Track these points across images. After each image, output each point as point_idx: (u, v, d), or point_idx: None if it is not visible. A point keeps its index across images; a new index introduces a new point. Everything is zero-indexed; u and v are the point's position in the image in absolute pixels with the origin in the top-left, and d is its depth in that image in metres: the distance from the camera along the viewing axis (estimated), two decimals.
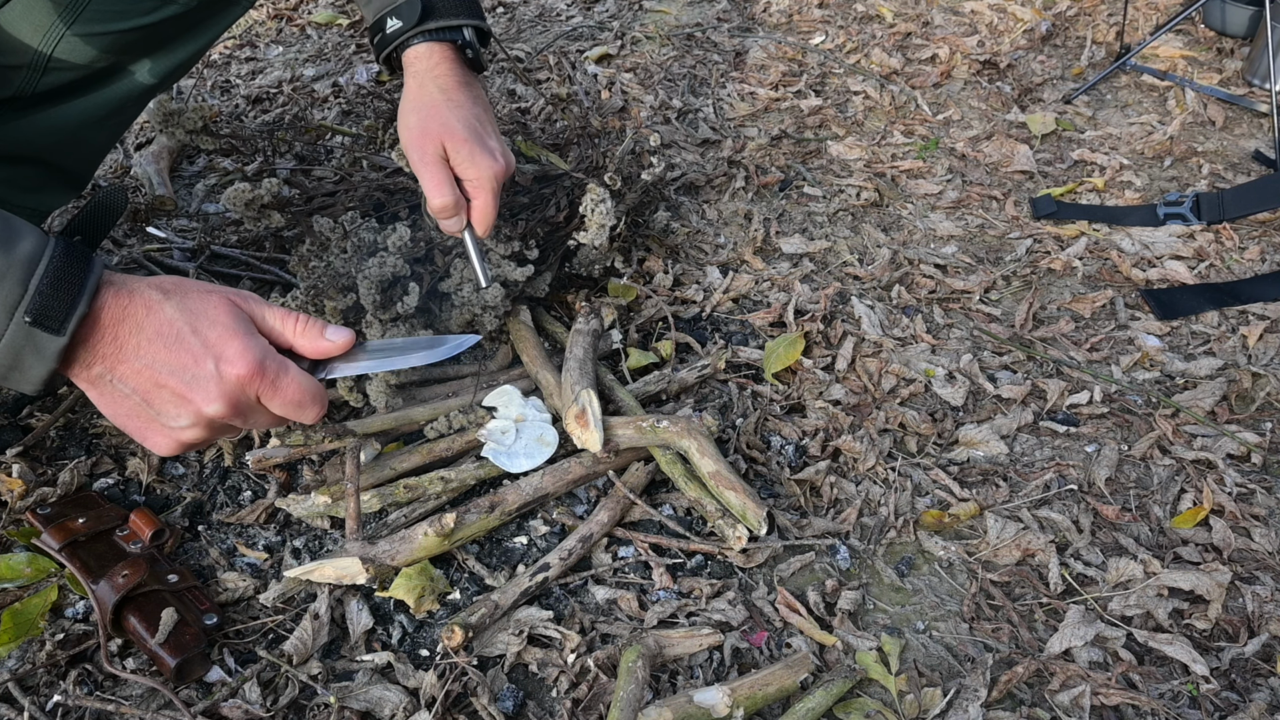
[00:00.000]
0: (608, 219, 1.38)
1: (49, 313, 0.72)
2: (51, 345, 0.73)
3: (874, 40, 2.36)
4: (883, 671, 1.03)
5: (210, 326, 0.78)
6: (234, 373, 0.77)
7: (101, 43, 1.12)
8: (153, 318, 0.77)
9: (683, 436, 1.17)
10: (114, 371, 0.77)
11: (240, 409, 0.79)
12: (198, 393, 0.77)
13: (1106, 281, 1.64)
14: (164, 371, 0.77)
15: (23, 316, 0.72)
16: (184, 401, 0.78)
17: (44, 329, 0.72)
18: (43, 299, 0.72)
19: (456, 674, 1.00)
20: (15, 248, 0.72)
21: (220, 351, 0.77)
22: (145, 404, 0.78)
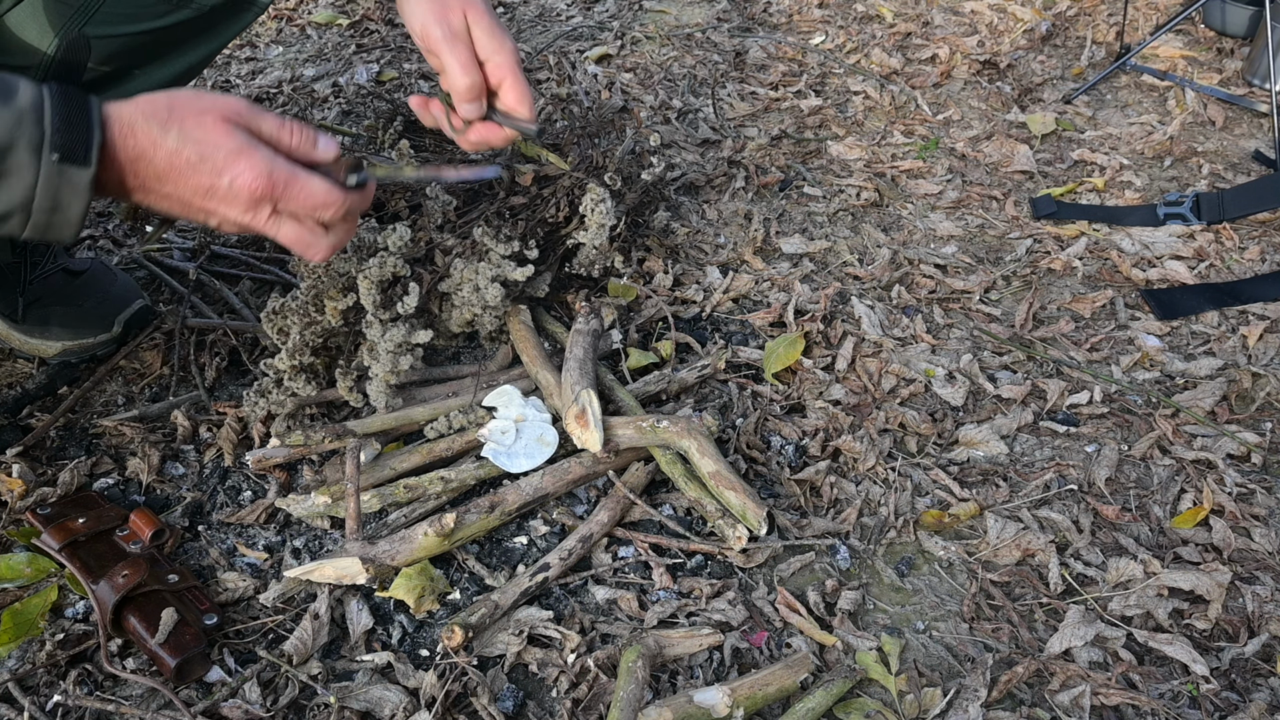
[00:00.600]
0: (608, 219, 1.38)
1: (72, 146, 0.77)
2: (82, 177, 0.78)
3: (874, 40, 2.36)
4: (883, 671, 1.03)
5: (215, 150, 0.82)
6: (245, 186, 0.83)
7: (111, 46, 1.12)
8: (160, 153, 0.82)
9: (683, 436, 1.17)
10: (149, 200, 0.85)
11: (260, 214, 0.85)
12: (220, 204, 0.84)
13: (1106, 281, 1.64)
14: (187, 194, 0.83)
15: (50, 155, 0.76)
16: (214, 214, 0.85)
17: (72, 163, 0.77)
18: (62, 135, 0.76)
19: (456, 674, 1.00)
20: (16, 98, 0.76)
21: (229, 167, 0.82)
22: (181, 215, 0.87)
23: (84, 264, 1.42)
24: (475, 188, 1.44)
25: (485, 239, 1.30)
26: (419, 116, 1.08)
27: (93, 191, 0.80)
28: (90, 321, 1.35)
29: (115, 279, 1.42)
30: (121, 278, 1.43)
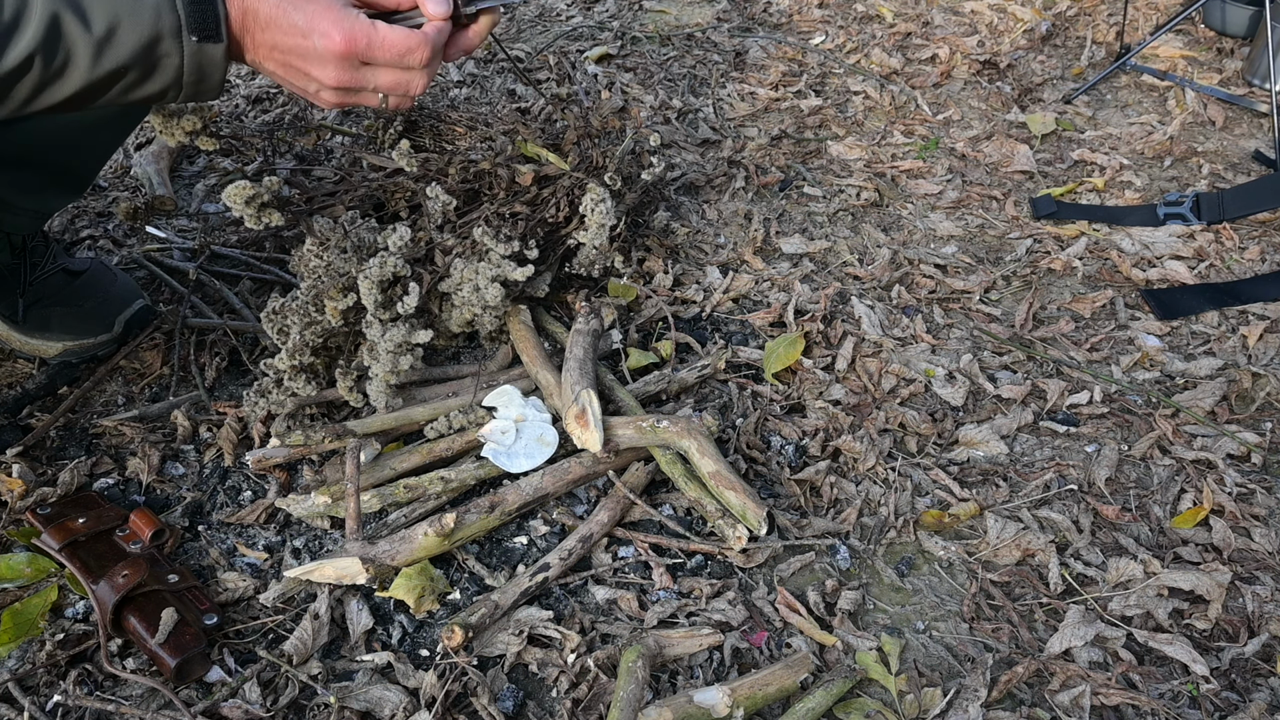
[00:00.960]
0: (607, 218, 1.37)
1: (205, 25, 0.87)
2: (217, 51, 0.89)
3: (874, 40, 2.36)
4: (883, 671, 1.03)
5: (305, 6, 0.91)
6: (328, 44, 0.91)
7: None
8: (264, 9, 0.90)
9: (683, 436, 1.17)
10: (259, 62, 0.93)
11: (352, 71, 0.93)
12: (312, 65, 0.92)
13: (1106, 281, 1.64)
14: (282, 52, 0.92)
15: (190, 38, 0.87)
16: (305, 74, 0.93)
17: (208, 40, 0.88)
18: (196, 17, 0.87)
19: (456, 674, 1.00)
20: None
21: (313, 27, 0.90)
22: (286, 79, 0.95)
23: (84, 264, 1.42)
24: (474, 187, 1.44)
25: (485, 239, 1.30)
26: None
27: (228, 60, 0.91)
28: (90, 322, 1.35)
29: (115, 279, 1.42)
30: (121, 278, 1.43)
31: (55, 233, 1.60)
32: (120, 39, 0.85)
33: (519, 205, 1.38)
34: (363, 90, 0.97)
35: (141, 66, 0.87)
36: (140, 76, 0.88)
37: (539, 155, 1.43)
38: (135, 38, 0.85)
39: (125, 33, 0.85)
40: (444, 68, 2.23)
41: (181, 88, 0.91)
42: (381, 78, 0.96)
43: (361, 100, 0.99)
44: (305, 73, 0.94)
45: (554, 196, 1.40)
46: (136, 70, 0.88)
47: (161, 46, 0.87)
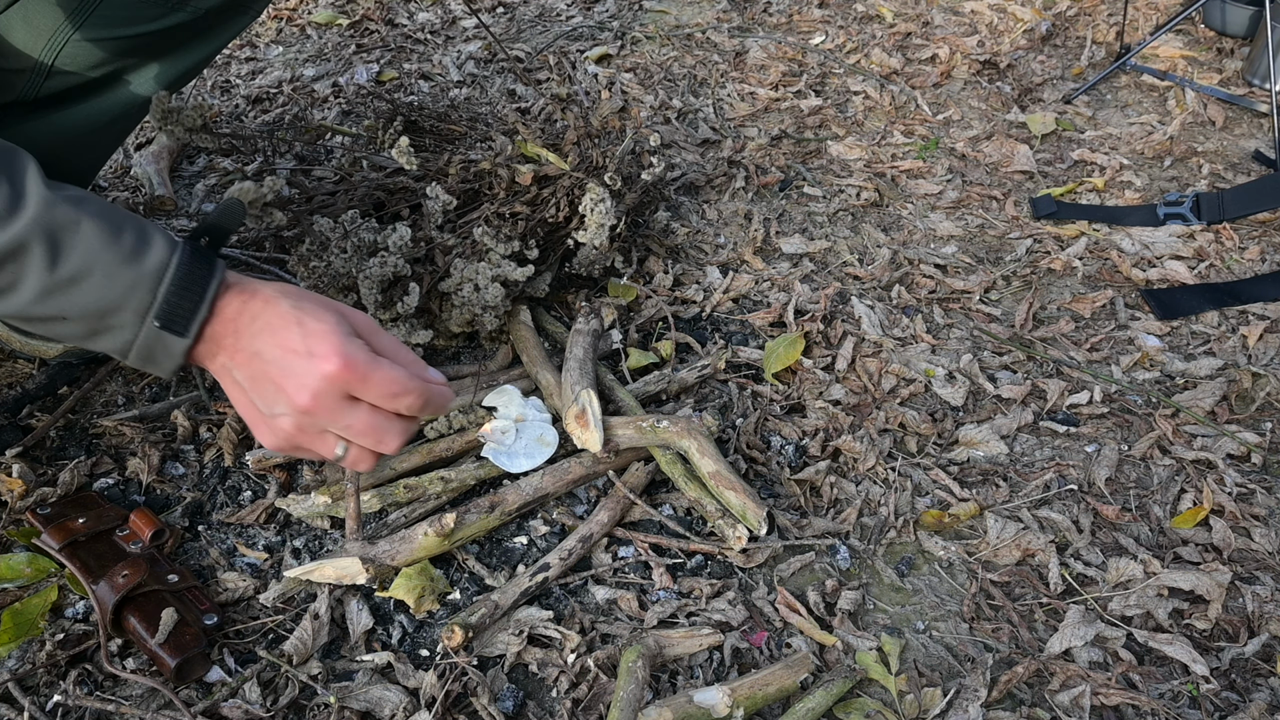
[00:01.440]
0: (607, 218, 1.37)
1: (175, 317, 0.79)
2: (178, 345, 0.80)
3: (874, 40, 2.36)
4: (883, 671, 1.03)
5: (314, 323, 0.82)
6: (322, 368, 0.80)
7: (107, 48, 1.11)
8: (268, 310, 0.82)
9: (683, 436, 1.17)
10: (232, 361, 0.83)
11: (327, 406, 0.82)
12: (290, 382, 0.81)
13: (1106, 281, 1.64)
14: (266, 360, 0.81)
15: (152, 321, 0.78)
16: (279, 390, 0.81)
17: (171, 332, 0.79)
18: (169, 306, 0.78)
19: (456, 674, 1.00)
20: (145, 260, 0.78)
21: (314, 347, 0.81)
22: (250, 389, 0.83)
23: None
24: (474, 187, 1.44)
25: (485, 239, 1.30)
26: None
27: (185, 356, 0.82)
28: None
29: None
30: None
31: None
32: (77, 292, 0.78)
33: (519, 205, 1.38)
34: (327, 430, 0.84)
35: (88, 325, 0.80)
36: (84, 332, 0.80)
37: (539, 155, 1.43)
38: (94, 298, 0.78)
39: (86, 289, 0.78)
40: (444, 67, 2.23)
41: (126, 357, 0.82)
42: (359, 418, 0.84)
43: (315, 446, 0.86)
44: (278, 390, 0.82)
45: (554, 196, 1.40)
46: (80, 325, 0.80)
47: (116, 318, 0.79)
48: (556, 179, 1.42)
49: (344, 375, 0.81)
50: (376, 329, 0.86)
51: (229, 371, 0.84)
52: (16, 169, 0.77)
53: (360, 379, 0.82)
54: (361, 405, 0.84)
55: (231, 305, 0.82)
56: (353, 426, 0.84)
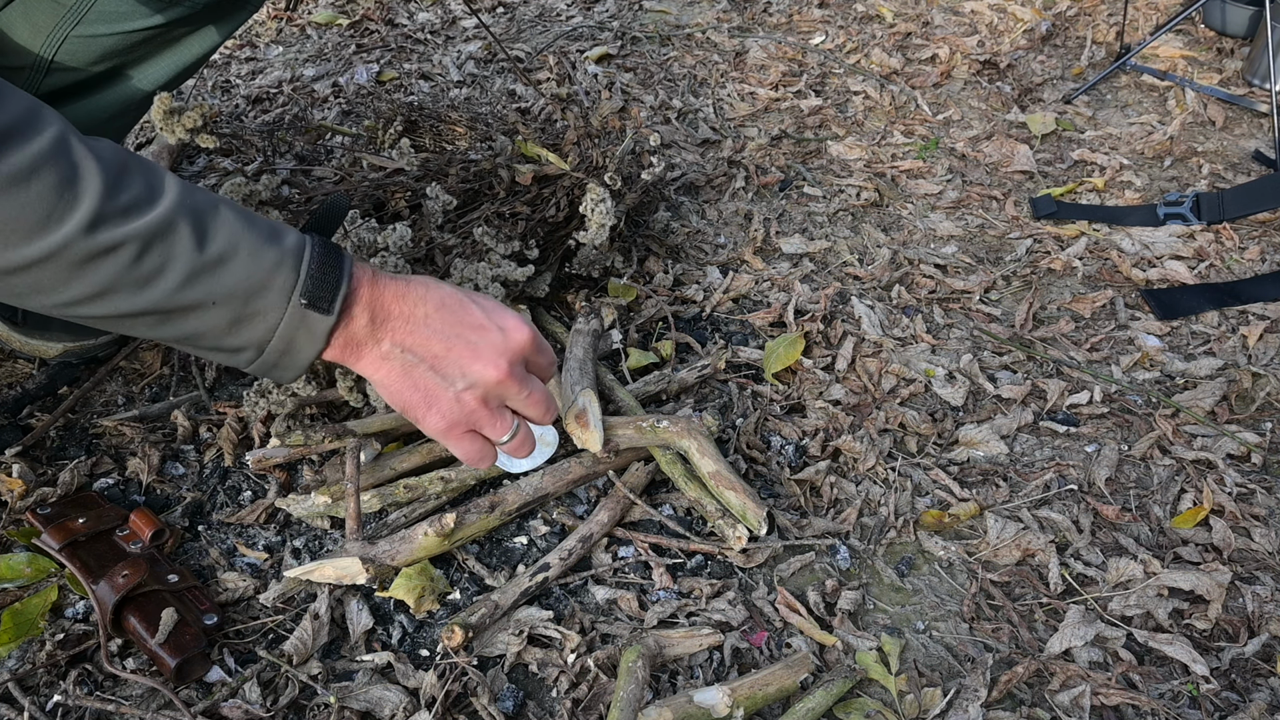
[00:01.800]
0: (608, 218, 1.37)
1: (320, 294, 0.79)
2: (322, 325, 0.79)
3: (874, 40, 2.36)
4: (883, 671, 1.03)
5: (486, 299, 0.89)
6: (517, 338, 0.87)
7: (107, 44, 1.12)
8: (435, 292, 0.85)
9: (683, 436, 1.17)
10: (404, 343, 0.84)
11: (518, 375, 0.88)
12: (485, 352, 0.85)
13: (1106, 281, 1.64)
14: (452, 336, 0.85)
15: (299, 299, 0.78)
16: (471, 361, 0.85)
17: (316, 310, 0.79)
18: (313, 282, 0.78)
19: (456, 674, 1.00)
20: (284, 240, 0.79)
21: (502, 321, 0.87)
22: (433, 370, 0.85)
23: None
24: (474, 187, 1.44)
25: (485, 239, 1.30)
26: None
27: (327, 341, 0.81)
28: None
29: None
30: None
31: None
32: (225, 272, 0.76)
33: (519, 205, 1.38)
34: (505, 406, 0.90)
35: (232, 310, 0.77)
36: (225, 322, 0.78)
37: (539, 155, 1.43)
38: (242, 276, 0.76)
39: (234, 267, 0.76)
40: (444, 67, 2.23)
41: (262, 352, 0.80)
42: (537, 386, 0.90)
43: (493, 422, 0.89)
44: (470, 361, 0.85)
45: (554, 196, 1.40)
46: (224, 311, 0.77)
47: (262, 299, 0.77)
48: (557, 179, 1.42)
49: (531, 344, 0.89)
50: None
51: (397, 356, 0.84)
52: (149, 164, 0.77)
53: (538, 348, 0.90)
54: (535, 377, 0.91)
55: (390, 289, 0.83)
56: (533, 395, 0.90)
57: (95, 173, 0.71)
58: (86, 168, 0.71)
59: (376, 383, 0.86)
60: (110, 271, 0.72)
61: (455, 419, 0.88)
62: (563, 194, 1.40)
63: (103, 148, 0.73)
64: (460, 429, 0.89)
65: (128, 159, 0.74)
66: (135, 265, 0.73)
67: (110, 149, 0.74)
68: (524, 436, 0.93)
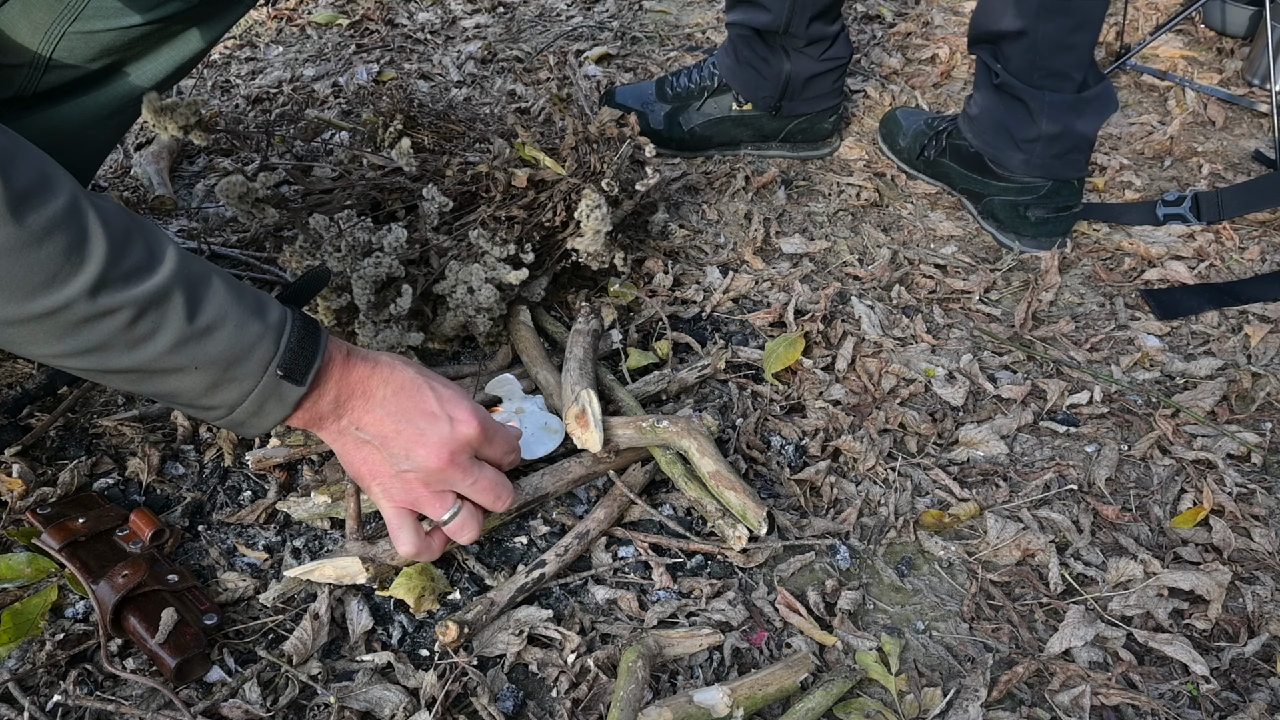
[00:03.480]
0: (603, 224, 1.37)
1: (296, 367, 0.85)
2: (293, 394, 0.86)
3: (874, 40, 2.36)
4: (883, 671, 1.03)
5: (444, 388, 0.94)
6: (464, 431, 0.92)
7: (104, 40, 1.12)
8: (398, 375, 0.92)
9: (683, 436, 1.17)
10: (359, 421, 0.91)
11: (461, 464, 0.93)
12: (431, 440, 0.91)
13: (1106, 281, 1.64)
14: (403, 420, 0.91)
15: (275, 370, 0.84)
16: (417, 446, 0.91)
17: (291, 381, 0.85)
18: (291, 355, 0.85)
19: (456, 674, 1.00)
20: (269, 314, 0.85)
21: (453, 411, 0.92)
22: (382, 447, 0.92)
23: None
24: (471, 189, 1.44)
25: (481, 241, 1.30)
26: None
27: (295, 408, 0.87)
28: None
29: None
30: None
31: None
32: (211, 341, 0.81)
33: (516, 209, 1.38)
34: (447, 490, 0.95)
35: (213, 375, 0.82)
36: (204, 385, 0.82)
37: (536, 159, 1.43)
38: (227, 345, 0.81)
39: (220, 337, 0.81)
40: (444, 67, 2.23)
41: (232, 412, 0.85)
42: (485, 475, 0.96)
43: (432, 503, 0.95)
44: (414, 447, 0.91)
45: (550, 201, 1.40)
46: (205, 375, 0.82)
47: (242, 367, 0.83)
48: (554, 184, 1.42)
49: (479, 437, 0.93)
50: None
51: (351, 432, 0.91)
52: (150, 228, 0.81)
53: (488, 439, 0.95)
54: (487, 465, 0.97)
55: (358, 369, 0.90)
56: (479, 483, 0.96)
57: (102, 238, 0.74)
58: (95, 232, 0.74)
59: (334, 450, 0.94)
60: (105, 332, 0.76)
61: (397, 496, 0.94)
62: (559, 199, 1.40)
63: (110, 210, 0.77)
64: (402, 505, 0.95)
65: (131, 224, 0.78)
66: (130, 329, 0.77)
67: (116, 211, 0.77)
68: (465, 519, 0.97)
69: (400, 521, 0.96)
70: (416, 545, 0.97)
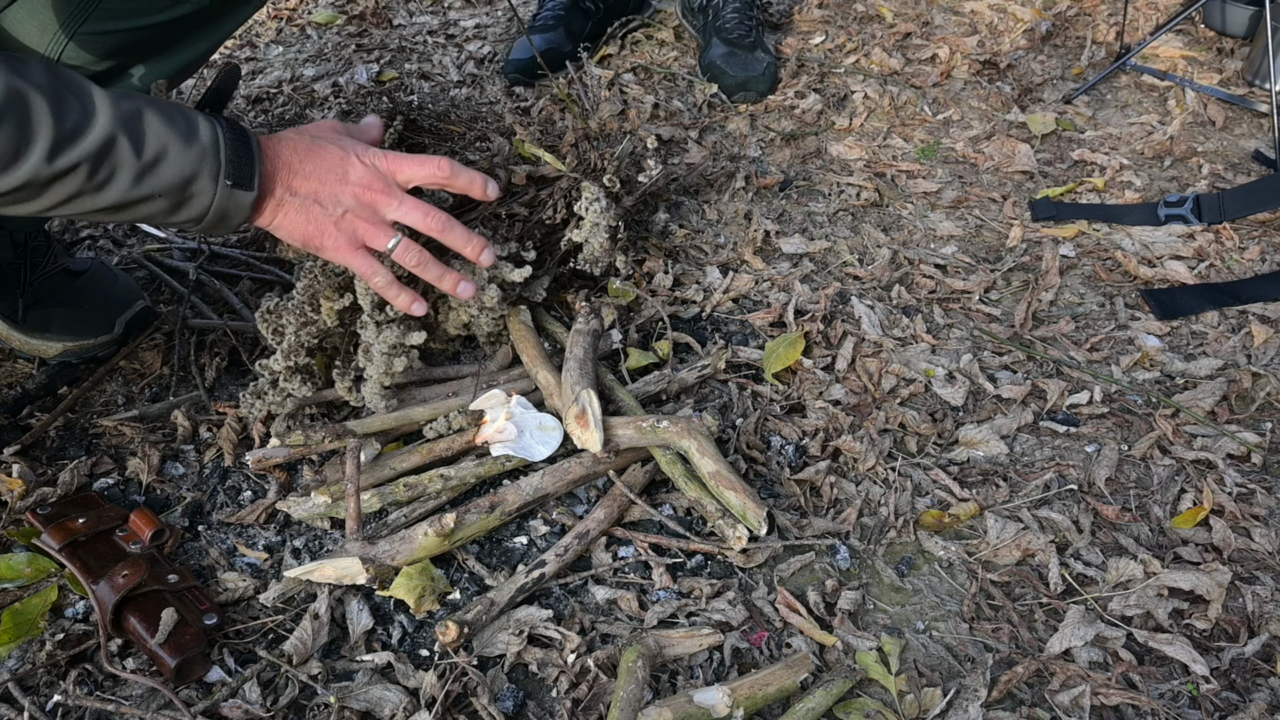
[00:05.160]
0: (602, 218, 1.37)
1: (241, 175, 0.97)
2: (246, 199, 0.98)
3: (874, 40, 2.36)
4: (883, 671, 1.03)
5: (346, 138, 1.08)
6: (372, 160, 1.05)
7: (112, 41, 1.12)
8: (303, 142, 1.04)
9: (683, 436, 1.17)
10: (290, 187, 1.02)
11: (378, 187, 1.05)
12: (350, 176, 1.04)
13: (1106, 281, 1.64)
14: (324, 171, 1.03)
15: (225, 181, 0.96)
16: (339, 186, 1.03)
17: (240, 188, 0.97)
18: (233, 166, 0.96)
19: (456, 674, 1.00)
20: (200, 133, 0.95)
21: (357, 151, 1.06)
22: (315, 202, 1.03)
23: (84, 264, 1.42)
24: None
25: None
26: None
27: (253, 210, 1.00)
28: (91, 323, 1.35)
29: (116, 280, 1.42)
30: (122, 278, 1.43)
31: (56, 232, 1.60)
32: (162, 169, 0.92)
33: (516, 206, 1.38)
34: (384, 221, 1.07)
35: (174, 197, 0.95)
36: (169, 206, 0.95)
37: (536, 156, 1.43)
38: (176, 171, 0.93)
39: (168, 165, 0.92)
40: (444, 67, 2.23)
41: (201, 223, 0.98)
42: (409, 199, 1.08)
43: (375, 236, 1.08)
44: (339, 188, 1.04)
45: (551, 198, 1.40)
46: (168, 199, 0.94)
47: (197, 184, 0.95)
48: (554, 180, 1.42)
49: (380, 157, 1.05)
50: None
51: (289, 201, 1.02)
52: (76, 81, 0.89)
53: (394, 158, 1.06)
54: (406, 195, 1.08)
55: (283, 150, 1.01)
56: (404, 204, 1.07)
57: (44, 109, 0.85)
58: (36, 105, 0.84)
59: (277, 227, 1.04)
60: (72, 186, 0.89)
61: (345, 240, 1.06)
62: (560, 196, 1.40)
63: (39, 78, 0.86)
64: (352, 247, 1.07)
65: (59, 84, 0.87)
66: (91, 178, 0.89)
67: (41, 74, 0.86)
68: (407, 245, 1.10)
69: (369, 266, 1.09)
70: (393, 281, 1.11)
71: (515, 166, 1.41)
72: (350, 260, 1.08)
